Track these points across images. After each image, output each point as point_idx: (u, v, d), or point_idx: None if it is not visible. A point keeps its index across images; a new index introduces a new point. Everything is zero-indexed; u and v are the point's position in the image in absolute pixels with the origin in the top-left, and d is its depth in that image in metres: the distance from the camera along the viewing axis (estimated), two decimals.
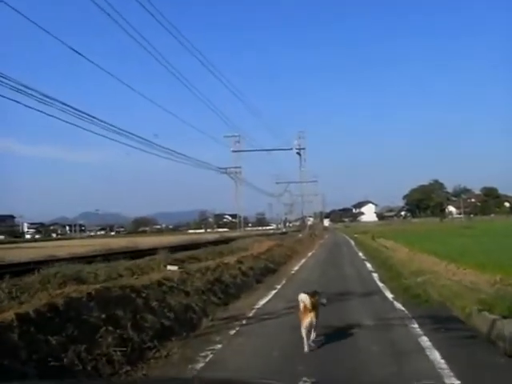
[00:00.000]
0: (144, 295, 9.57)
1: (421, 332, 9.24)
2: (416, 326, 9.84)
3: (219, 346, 8.61)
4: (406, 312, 11.41)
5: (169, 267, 13.30)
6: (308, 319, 8.03)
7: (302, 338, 8.06)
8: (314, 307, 8.20)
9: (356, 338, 9.15)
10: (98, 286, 8.72)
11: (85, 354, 6.72)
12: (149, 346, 8.09)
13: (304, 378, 5.48)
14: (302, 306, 8.18)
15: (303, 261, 28.37)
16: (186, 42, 34.19)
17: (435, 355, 7.64)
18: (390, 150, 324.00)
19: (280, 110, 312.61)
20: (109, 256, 17.85)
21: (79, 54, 18.83)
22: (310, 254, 35.37)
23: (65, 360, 6.43)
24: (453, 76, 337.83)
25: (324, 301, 8.88)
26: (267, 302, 13.52)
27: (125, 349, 7.43)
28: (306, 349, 7.93)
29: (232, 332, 9.71)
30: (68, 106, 18.00)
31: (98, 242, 55.75)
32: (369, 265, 24.53)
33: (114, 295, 8.67)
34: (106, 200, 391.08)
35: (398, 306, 12.36)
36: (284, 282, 18.40)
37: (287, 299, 13.80)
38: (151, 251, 19.05)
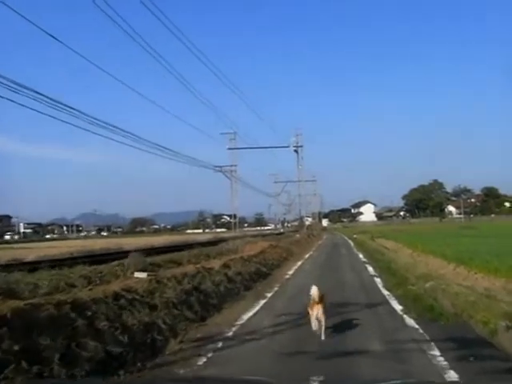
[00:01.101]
0: (90, 313, 7.48)
1: (444, 362, 7.16)
2: (436, 352, 7.75)
3: None
4: (421, 331, 9.34)
5: (136, 274, 11.23)
6: (315, 312, 8.66)
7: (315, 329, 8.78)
8: (321, 301, 8.81)
9: (360, 371, 7.05)
10: (23, 302, 6.62)
11: None
12: None
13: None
14: (311, 298, 8.87)
15: (299, 263, 26.28)
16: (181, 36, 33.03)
17: None
18: (389, 150, 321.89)
19: (277, 108, 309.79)
20: (75, 259, 15.80)
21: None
22: (307, 255, 33.27)
23: None
24: (452, 76, 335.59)
25: None
26: (253, 316, 11.42)
27: None
28: (322, 337, 8.69)
29: (201, 361, 7.58)
30: (66, 105, 17.70)
31: (86, 243, 53.71)
32: (370, 268, 22.48)
33: (43, 316, 6.58)
34: (104, 201, 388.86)
35: (410, 322, 10.28)
36: (276, 288, 16.34)
37: (277, 312, 11.76)
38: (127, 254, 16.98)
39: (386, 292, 14.78)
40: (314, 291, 8.82)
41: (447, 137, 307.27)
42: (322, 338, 8.63)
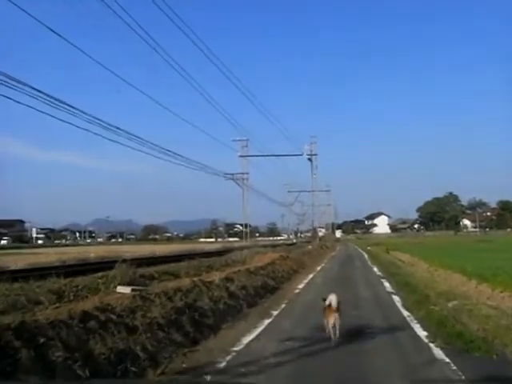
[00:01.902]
0: (42, 341, 5.96)
1: None
2: None
3: None
4: (453, 366, 7.69)
5: (119, 288, 9.70)
6: (333, 319, 9.14)
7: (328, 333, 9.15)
8: (339, 309, 9.29)
9: None
10: None
11: None
12: None
13: None
14: (327, 303, 9.38)
15: (311, 276, 24.64)
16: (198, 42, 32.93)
17: None
18: (404, 161, 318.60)
19: (291, 117, 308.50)
20: (62, 268, 14.34)
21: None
22: (319, 268, 31.58)
23: None
24: (471, 88, 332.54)
25: None
26: (254, 340, 9.83)
27: None
28: (332, 342, 9.01)
29: None
30: (83, 112, 18.38)
31: (90, 249, 52.30)
32: (387, 283, 20.79)
33: None
34: (118, 207, 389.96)
35: (438, 353, 8.62)
36: (284, 305, 14.75)
37: (283, 335, 10.17)
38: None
39: (405, 313, 13.13)
40: (333, 299, 9.31)
41: (463, 149, 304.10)
42: (336, 337, 9.15)
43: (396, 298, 16.04)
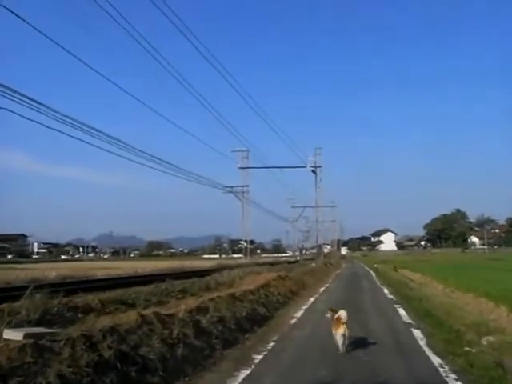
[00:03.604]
0: None
1: None
2: None
3: None
4: None
5: (6, 333, 6.27)
6: (342, 330, 10.08)
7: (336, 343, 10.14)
8: (347, 323, 10.13)
9: None
10: None
11: None
12: None
13: None
14: (336, 316, 10.36)
15: (311, 300, 21.10)
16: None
17: None
18: (411, 178, 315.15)
19: (296, 129, 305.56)
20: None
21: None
22: (322, 289, 27.97)
23: None
24: (478, 103, 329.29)
25: None
26: None
27: None
28: (341, 350, 10.10)
29: None
30: (88, 126, 19.27)
31: (77, 265, 48.95)
32: (402, 311, 17.28)
33: None
34: (123, 223, 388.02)
35: None
36: (272, 344, 11.28)
37: None
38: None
39: (436, 360, 9.61)
40: (344, 315, 10.14)
41: (471, 165, 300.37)
42: (344, 347, 10.11)
43: (417, 334, 12.56)
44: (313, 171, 55.50)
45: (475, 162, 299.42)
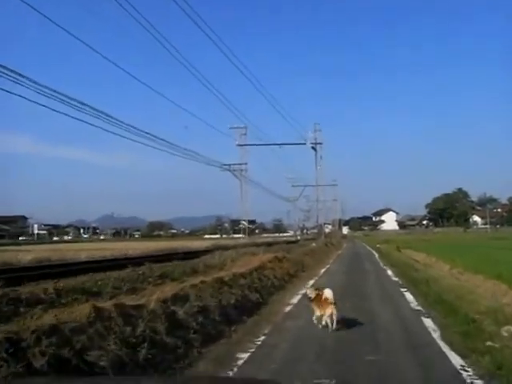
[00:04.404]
0: None
1: None
2: None
3: None
4: None
5: None
6: (330, 310, 9.47)
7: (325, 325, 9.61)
8: (336, 303, 9.67)
9: None
10: None
11: None
12: None
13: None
14: (323, 297, 9.75)
15: (310, 284, 19.50)
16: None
17: None
18: (413, 156, 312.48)
19: (296, 106, 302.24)
20: None
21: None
22: (322, 271, 26.39)
23: None
24: (475, 83, 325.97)
25: None
26: None
27: None
28: (329, 330, 9.57)
29: None
30: (90, 107, 19.20)
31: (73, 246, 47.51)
32: (409, 296, 15.73)
33: None
34: (125, 203, 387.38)
35: None
36: (263, 338, 9.69)
37: None
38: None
39: (456, 360, 7.95)
40: (330, 295, 9.68)
41: (472, 144, 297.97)
42: (334, 327, 9.62)
43: (429, 324, 10.97)
44: (312, 148, 53.60)
45: (477, 142, 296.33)
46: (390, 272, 25.13)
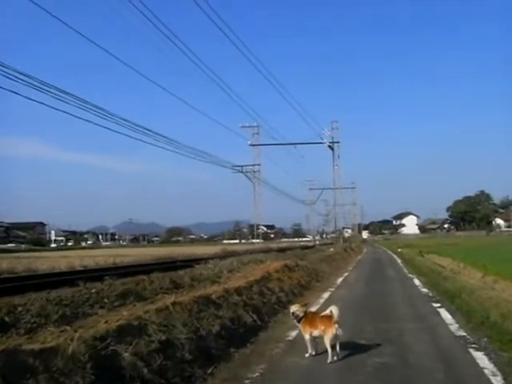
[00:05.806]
0: None
1: None
2: None
3: None
4: None
5: None
6: (334, 330, 8.09)
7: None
8: (338, 322, 8.23)
9: None
10: None
11: None
12: None
13: None
14: (325, 314, 8.46)
15: (325, 298, 16.42)
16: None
17: None
18: (434, 159, 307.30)
19: (313, 105, 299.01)
20: None
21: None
22: (339, 280, 23.26)
23: None
24: (497, 84, 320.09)
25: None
26: None
27: None
28: (329, 359, 7.94)
29: None
30: (110, 113, 19.47)
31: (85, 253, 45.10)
32: (447, 315, 12.63)
33: None
34: (144, 209, 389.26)
35: None
36: None
37: None
38: None
39: None
40: (335, 310, 8.34)
41: (495, 146, 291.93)
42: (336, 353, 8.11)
43: (485, 364, 7.85)
44: (330, 147, 50.46)
45: (499, 144, 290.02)
46: (417, 281, 22.01)
